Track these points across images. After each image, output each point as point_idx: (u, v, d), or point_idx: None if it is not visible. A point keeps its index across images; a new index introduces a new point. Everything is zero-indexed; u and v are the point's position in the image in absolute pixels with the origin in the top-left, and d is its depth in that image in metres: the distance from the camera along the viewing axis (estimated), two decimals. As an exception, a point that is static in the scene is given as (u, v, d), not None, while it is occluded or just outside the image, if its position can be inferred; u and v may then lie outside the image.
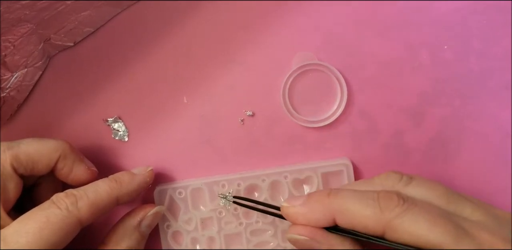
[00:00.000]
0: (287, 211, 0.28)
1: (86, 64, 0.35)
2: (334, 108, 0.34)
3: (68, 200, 0.27)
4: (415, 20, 0.34)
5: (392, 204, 0.25)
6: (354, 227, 0.26)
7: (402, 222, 0.24)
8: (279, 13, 0.34)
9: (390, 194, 0.25)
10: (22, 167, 0.29)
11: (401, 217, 0.24)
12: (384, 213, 0.25)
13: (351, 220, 0.26)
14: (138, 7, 0.35)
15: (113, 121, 0.35)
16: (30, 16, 0.32)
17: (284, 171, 0.33)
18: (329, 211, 0.26)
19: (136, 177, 0.31)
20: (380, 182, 0.28)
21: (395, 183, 0.27)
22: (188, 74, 0.35)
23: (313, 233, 0.27)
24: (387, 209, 0.25)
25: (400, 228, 0.24)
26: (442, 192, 0.26)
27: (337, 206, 0.26)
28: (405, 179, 0.27)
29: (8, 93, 0.33)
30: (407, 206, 0.24)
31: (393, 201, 0.25)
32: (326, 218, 0.26)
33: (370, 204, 0.25)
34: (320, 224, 0.27)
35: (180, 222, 0.34)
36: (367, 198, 0.25)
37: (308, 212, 0.27)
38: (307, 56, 0.34)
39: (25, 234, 0.25)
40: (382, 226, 0.25)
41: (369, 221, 0.25)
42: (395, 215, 0.24)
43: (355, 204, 0.25)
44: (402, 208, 0.24)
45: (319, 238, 0.27)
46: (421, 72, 0.34)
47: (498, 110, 0.33)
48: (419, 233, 0.24)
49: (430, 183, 0.27)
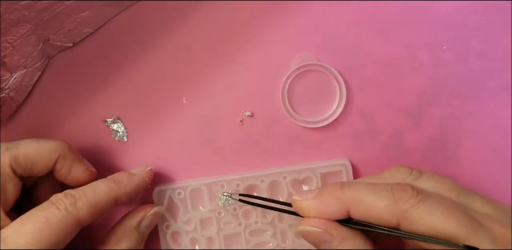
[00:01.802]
0: (299, 204, 0.27)
1: (85, 64, 0.35)
2: (333, 108, 0.34)
3: (67, 201, 0.27)
4: (415, 20, 0.34)
5: (406, 195, 0.25)
6: (368, 218, 0.26)
7: (417, 213, 0.24)
8: (279, 13, 0.34)
9: (403, 186, 0.25)
10: (21, 167, 0.29)
11: (416, 208, 0.24)
12: (398, 204, 0.24)
13: (366, 212, 0.25)
14: (137, 7, 0.34)
15: (112, 122, 0.35)
16: (29, 16, 0.32)
17: (283, 171, 0.33)
18: (343, 203, 0.26)
19: (135, 177, 0.31)
20: (390, 175, 0.28)
21: (405, 177, 0.27)
22: (187, 74, 0.34)
23: (326, 225, 0.26)
24: (402, 200, 0.25)
25: (415, 219, 0.24)
26: (452, 186, 0.26)
27: (351, 197, 0.26)
28: (415, 173, 0.27)
29: (7, 94, 0.33)
30: (421, 197, 0.24)
31: (407, 192, 0.25)
32: (339, 210, 0.26)
33: (384, 195, 0.25)
34: (334, 216, 0.26)
35: (179, 223, 0.34)
36: (380, 190, 0.25)
37: (321, 204, 0.27)
38: (307, 57, 0.34)
39: (24, 235, 0.25)
40: (396, 217, 0.25)
41: (384, 212, 0.25)
42: (410, 206, 0.24)
43: (369, 195, 0.25)
44: (416, 199, 0.24)
45: (332, 231, 0.26)
46: (420, 72, 0.34)
47: (498, 110, 0.33)
48: (435, 224, 0.24)
49: (440, 177, 0.27)
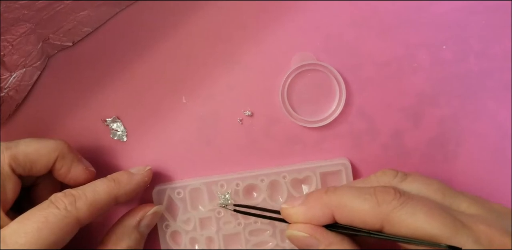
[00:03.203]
0: (287, 212, 0.28)
1: (84, 64, 0.35)
2: (333, 108, 0.34)
3: (66, 200, 0.27)
4: (415, 20, 0.34)
5: (389, 197, 0.25)
6: (352, 222, 0.26)
7: (400, 215, 0.24)
8: (279, 13, 0.34)
9: (386, 188, 0.26)
10: (20, 167, 0.29)
11: (399, 210, 0.24)
12: (381, 206, 0.25)
13: (350, 216, 0.26)
14: (137, 7, 0.34)
15: (111, 121, 0.35)
16: (28, 15, 0.31)
17: (283, 171, 0.33)
18: (328, 207, 0.26)
19: (134, 177, 0.31)
20: (376, 179, 0.28)
21: (391, 179, 0.28)
22: (187, 74, 0.34)
23: (313, 230, 0.27)
24: (385, 202, 0.25)
25: (398, 221, 0.24)
26: (438, 187, 0.27)
27: (335, 202, 0.26)
28: (400, 175, 0.28)
29: (7, 93, 0.33)
30: (404, 199, 0.25)
31: (390, 195, 0.25)
32: (325, 215, 0.27)
33: (367, 198, 0.25)
34: (320, 221, 0.27)
35: (179, 222, 0.34)
36: (364, 193, 0.26)
37: (307, 210, 0.27)
38: (306, 56, 0.34)
39: (24, 234, 0.26)
40: (380, 219, 0.25)
41: (367, 215, 0.25)
42: (393, 208, 0.25)
43: (353, 199, 0.26)
44: (399, 201, 0.25)
45: (319, 236, 0.27)
46: (420, 72, 0.34)
47: (498, 111, 0.33)
48: (417, 226, 0.24)
49: (425, 178, 0.28)
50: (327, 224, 0.27)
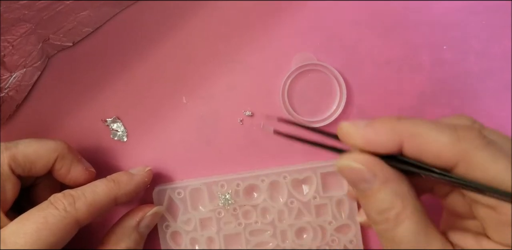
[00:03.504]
0: (347, 129, 0.24)
1: (85, 64, 0.35)
2: (333, 108, 0.34)
3: (66, 201, 0.27)
4: (415, 20, 0.34)
5: (472, 135, 0.22)
6: (423, 154, 0.22)
7: (481, 155, 0.21)
8: (279, 13, 0.34)
9: (470, 127, 0.22)
10: (19, 167, 0.29)
11: (481, 149, 0.21)
12: (462, 142, 0.22)
13: (423, 146, 0.22)
14: (137, 7, 0.34)
15: (112, 122, 0.35)
16: (29, 16, 0.31)
17: (283, 171, 0.33)
18: (398, 134, 0.23)
19: (134, 177, 0.31)
20: (450, 121, 0.24)
21: (470, 123, 0.24)
22: (187, 74, 0.34)
23: (372, 162, 0.23)
24: (467, 138, 0.22)
25: (478, 161, 0.21)
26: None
27: (409, 129, 0.22)
28: (479, 123, 0.25)
29: (7, 93, 0.33)
30: (488, 140, 0.22)
31: (474, 133, 0.22)
32: (392, 142, 0.23)
33: (447, 131, 0.22)
34: (384, 148, 0.23)
35: (179, 222, 0.34)
36: (443, 126, 0.22)
37: (372, 132, 0.23)
38: (307, 57, 0.34)
39: (23, 235, 0.25)
40: (457, 156, 0.22)
41: (444, 148, 0.22)
42: (475, 146, 0.21)
43: (430, 129, 0.22)
44: (482, 141, 0.22)
45: (377, 170, 0.23)
46: (420, 72, 0.34)
47: (498, 110, 0.33)
48: (497, 171, 0.21)
49: (504, 135, 0.24)
50: (389, 154, 0.23)
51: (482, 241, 0.23)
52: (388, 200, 0.23)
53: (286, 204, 0.33)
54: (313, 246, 0.33)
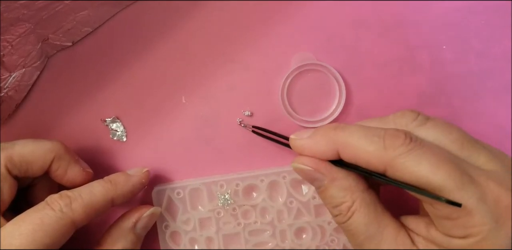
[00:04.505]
0: (294, 142, 0.28)
1: (84, 64, 0.35)
2: (332, 108, 0.34)
3: (62, 202, 0.27)
4: (414, 20, 0.34)
5: (397, 143, 0.24)
6: (356, 161, 0.25)
7: (404, 161, 0.24)
8: (279, 13, 0.34)
9: (397, 132, 0.25)
10: (16, 168, 0.29)
11: (404, 156, 0.24)
12: (387, 150, 0.24)
13: (354, 155, 0.25)
14: (136, 7, 0.34)
15: (111, 122, 0.35)
16: (28, 15, 0.31)
17: (283, 171, 0.33)
18: (333, 144, 0.26)
19: (131, 178, 0.31)
20: (394, 119, 0.27)
21: (409, 122, 0.26)
22: (186, 74, 0.34)
23: (317, 164, 0.27)
24: (391, 147, 0.24)
25: (402, 167, 0.24)
26: (457, 137, 0.25)
27: (341, 139, 0.26)
28: (421, 118, 0.26)
29: (6, 93, 0.33)
30: (412, 145, 0.24)
31: (399, 140, 0.24)
32: (330, 151, 0.26)
33: (374, 140, 0.25)
34: (324, 156, 0.27)
35: (178, 222, 0.34)
36: (372, 135, 0.25)
37: (313, 144, 0.27)
38: (306, 56, 0.34)
39: (18, 236, 0.25)
40: (383, 163, 0.24)
41: (371, 157, 0.24)
42: (398, 154, 0.24)
43: (359, 139, 0.25)
44: (407, 147, 0.24)
45: (323, 170, 0.27)
46: (420, 73, 0.34)
47: (498, 111, 0.33)
48: (420, 174, 0.23)
49: (447, 126, 0.26)
50: (333, 159, 0.27)
51: (431, 229, 0.25)
52: (338, 195, 0.26)
53: (286, 204, 0.33)
54: (312, 246, 0.33)
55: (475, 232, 0.23)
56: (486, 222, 0.22)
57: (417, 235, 0.25)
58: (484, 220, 0.22)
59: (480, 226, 0.22)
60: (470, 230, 0.23)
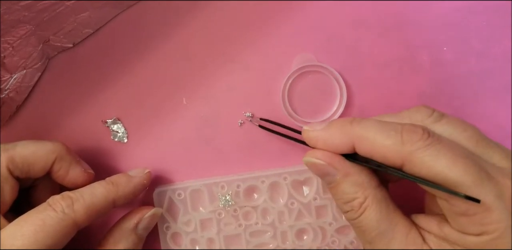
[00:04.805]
0: (307, 134, 0.27)
1: (85, 65, 0.35)
2: (333, 109, 0.34)
3: (64, 203, 0.27)
4: (415, 21, 0.34)
5: (415, 137, 0.24)
6: (373, 156, 0.25)
7: (422, 156, 0.23)
8: (279, 14, 0.34)
9: (415, 127, 0.24)
10: (17, 169, 0.29)
11: (422, 151, 0.23)
12: (405, 145, 0.24)
13: (370, 149, 0.25)
14: (137, 8, 0.34)
15: (112, 123, 0.35)
16: (29, 17, 0.32)
17: (284, 172, 0.33)
18: (349, 137, 0.26)
19: (133, 179, 0.31)
20: (409, 115, 0.27)
21: (424, 118, 0.26)
22: (187, 75, 0.34)
23: (330, 158, 0.26)
24: (409, 141, 0.24)
25: (419, 162, 0.23)
26: (472, 134, 0.25)
27: (358, 133, 0.25)
28: (436, 115, 0.26)
29: (7, 95, 0.33)
30: (430, 140, 0.24)
31: (417, 134, 0.24)
32: (345, 144, 0.26)
33: (392, 135, 0.24)
34: (339, 150, 0.26)
35: (180, 224, 0.34)
36: (389, 129, 0.25)
37: (327, 136, 0.26)
38: (307, 58, 0.34)
39: (20, 237, 0.25)
40: (401, 158, 0.24)
41: (389, 151, 0.24)
42: (416, 148, 0.23)
43: (376, 133, 0.25)
44: (425, 142, 0.24)
45: (336, 164, 0.26)
46: (420, 73, 0.34)
47: (498, 111, 0.33)
48: (438, 170, 0.23)
49: (462, 123, 0.26)
50: (347, 153, 0.26)
51: (444, 227, 0.25)
52: (350, 190, 0.26)
53: (287, 205, 0.33)
54: (313, 247, 0.33)
55: (491, 230, 0.22)
56: (503, 219, 0.22)
57: (428, 233, 0.25)
58: (501, 217, 0.22)
59: (497, 223, 0.22)
60: (486, 227, 0.23)
